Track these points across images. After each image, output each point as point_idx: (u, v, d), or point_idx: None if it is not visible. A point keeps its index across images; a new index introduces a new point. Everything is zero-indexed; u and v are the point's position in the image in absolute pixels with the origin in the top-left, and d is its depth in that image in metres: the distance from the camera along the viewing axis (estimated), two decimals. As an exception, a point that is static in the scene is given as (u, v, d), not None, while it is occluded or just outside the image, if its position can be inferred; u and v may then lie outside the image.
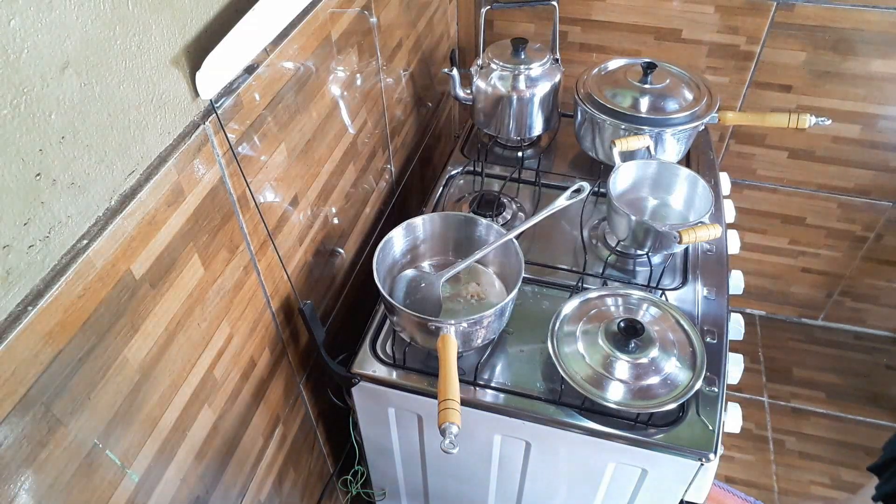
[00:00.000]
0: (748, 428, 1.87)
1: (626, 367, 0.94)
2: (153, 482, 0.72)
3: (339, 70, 1.01)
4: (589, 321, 1.00)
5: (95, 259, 0.57)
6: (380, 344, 1.07)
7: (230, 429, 0.88)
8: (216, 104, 0.70)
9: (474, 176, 1.39)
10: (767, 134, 1.68)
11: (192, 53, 0.66)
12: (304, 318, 0.97)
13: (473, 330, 0.95)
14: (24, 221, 0.50)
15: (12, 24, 0.45)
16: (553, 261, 1.20)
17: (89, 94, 0.54)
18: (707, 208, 1.10)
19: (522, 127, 1.38)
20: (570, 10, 1.58)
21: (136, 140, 0.60)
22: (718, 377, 0.98)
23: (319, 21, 0.90)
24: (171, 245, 0.67)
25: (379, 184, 1.31)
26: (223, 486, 0.88)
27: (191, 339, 0.74)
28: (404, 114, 1.38)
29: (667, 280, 1.16)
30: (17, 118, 0.47)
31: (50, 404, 0.55)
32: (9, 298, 0.50)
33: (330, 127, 1.01)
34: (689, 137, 1.32)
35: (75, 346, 0.57)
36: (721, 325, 1.07)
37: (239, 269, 0.82)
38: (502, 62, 1.32)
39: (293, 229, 0.95)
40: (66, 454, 0.58)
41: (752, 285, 2.05)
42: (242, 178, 0.78)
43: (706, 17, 1.51)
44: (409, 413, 1.06)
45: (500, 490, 1.17)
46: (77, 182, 0.54)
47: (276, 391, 1.00)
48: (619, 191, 1.20)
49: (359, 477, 1.32)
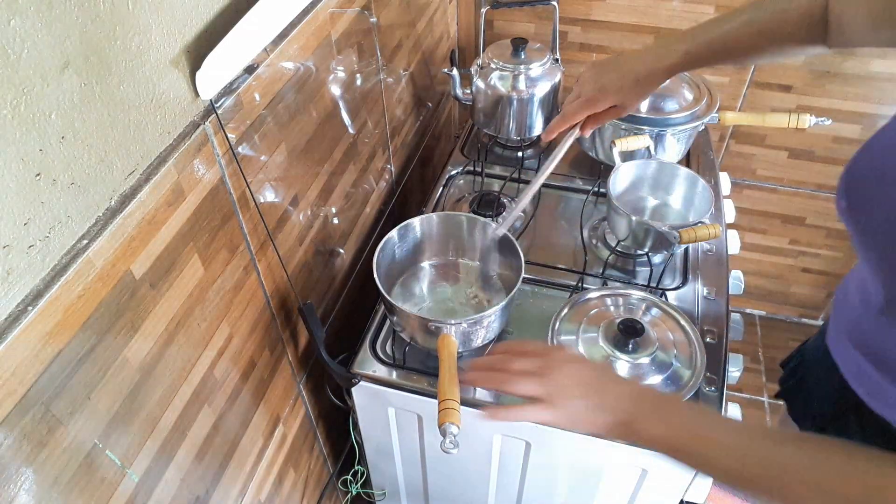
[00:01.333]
0: (748, 428, 1.87)
1: (626, 367, 0.94)
2: (153, 482, 0.72)
3: (339, 70, 1.00)
4: (589, 321, 1.00)
5: (95, 259, 0.57)
6: (380, 344, 1.07)
7: (230, 429, 0.88)
8: (216, 104, 0.70)
9: (474, 176, 1.39)
10: (767, 134, 1.68)
11: (192, 53, 0.66)
12: (304, 318, 0.97)
13: (473, 330, 0.95)
14: (24, 221, 0.50)
15: (12, 24, 0.45)
16: (553, 261, 1.20)
17: (89, 94, 0.54)
18: (707, 208, 1.10)
19: (522, 127, 1.38)
20: (570, 10, 1.58)
21: (136, 140, 0.60)
22: (718, 377, 0.98)
23: (319, 21, 0.90)
24: (171, 245, 0.67)
25: (379, 184, 1.31)
26: (223, 486, 0.88)
27: (191, 339, 0.74)
28: (404, 114, 1.38)
29: (667, 280, 1.16)
30: (17, 118, 0.47)
31: (50, 404, 0.55)
32: (9, 298, 0.50)
33: (330, 127, 1.01)
34: (689, 137, 1.32)
35: (75, 346, 0.56)
36: (721, 325, 1.07)
37: (239, 269, 0.82)
38: (502, 62, 1.32)
39: (293, 229, 0.95)
40: (66, 454, 0.58)
41: (752, 285, 2.05)
42: (242, 178, 0.78)
43: (706, 17, 1.49)
44: (409, 413, 1.06)
45: (500, 490, 1.17)
46: (77, 182, 0.54)
47: (276, 391, 1.00)
48: (619, 191, 1.20)
49: (359, 477, 1.32)
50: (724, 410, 0.96)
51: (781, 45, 0.82)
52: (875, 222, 0.65)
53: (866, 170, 0.67)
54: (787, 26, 0.79)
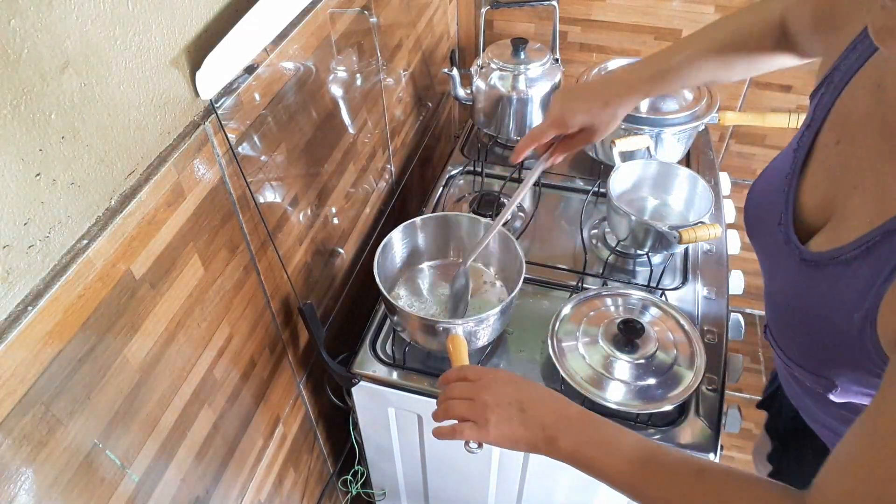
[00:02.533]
0: (748, 428, 1.87)
1: (626, 367, 0.94)
2: (153, 482, 0.72)
3: (339, 70, 1.00)
4: (589, 321, 1.00)
5: (95, 259, 0.57)
6: (380, 344, 1.07)
7: (230, 429, 0.88)
8: (216, 104, 0.70)
9: (474, 176, 1.39)
10: (767, 134, 1.68)
11: (192, 53, 0.66)
12: (304, 318, 0.97)
13: (478, 329, 0.95)
14: (24, 221, 0.50)
15: (12, 24, 0.45)
16: (553, 261, 1.20)
17: (89, 94, 0.54)
18: (707, 208, 1.10)
19: (522, 127, 1.38)
20: (570, 10, 1.58)
21: (136, 140, 0.60)
22: (718, 377, 0.98)
23: (319, 21, 0.90)
24: (171, 245, 0.67)
25: (379, 184, 1.31)
26: (223, 486, 0.88)
27: (191, 339, 0.74)
28: (404, 114, 1.38)
29: (667, 280, 1.16)
30: (17, 118, 0.47)
31: (50, 404, 0.55)
32: (9, 298, 0.50)
33: (330, 127, 1.01)
34: (689, 137, 1.32)
35: (75, 346, 0.56)
36: (721, 325, 1.07)
37: (239, 269, 0.82)
38: (502, 62, 1.32)
39: (293, 229, 0.95)
40: (66, 454, 0.58)
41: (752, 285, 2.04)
42: (242, 178, 0.78)
43: (706, 17, 1.51)
44: (409, 413, 1.06)
45: (500, 490, 1.17)
46: (77, 182, 0.54)
47: (276, 391, 1.00)
48: (619, 191, 1.20)
49: (359, 477, 1.32)
50: (724, 410, 0.96)
51: (749, 57, 0.83)
52: (764, 253, 0.76)
53: (751, 207, 0.79)
54: (752, 39, 0.82)
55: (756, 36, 0.81)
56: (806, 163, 0.68)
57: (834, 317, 0.60)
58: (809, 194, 0.67)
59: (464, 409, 0.73)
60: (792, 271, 0.67)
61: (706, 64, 0.85)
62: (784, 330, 0.73)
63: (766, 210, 0.73)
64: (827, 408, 0.76)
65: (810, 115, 0.69)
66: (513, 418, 0.70)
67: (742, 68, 0.86)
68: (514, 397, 0.71)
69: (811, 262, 0.63)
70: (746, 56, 0.83)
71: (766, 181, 0.76)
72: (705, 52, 0.85)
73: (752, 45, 0.82)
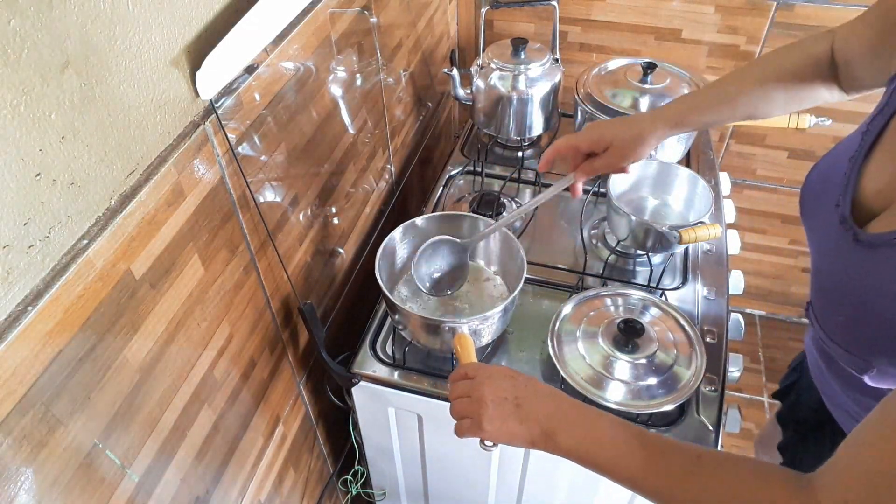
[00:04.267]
0: (748, 428, 1.87)
1: (626, 367, 0.94)
2: (153, 482, 0.72)
3: (339, 70, 1.00)
4: (589, 321, 1.00)
5: (95, 259, 0.57)
6: (380, 344, 1.07)
7: (230, 429, 0.88)
8: (216, 104, 0.70)
9: (474, 176, 1.39)
10: (767, 134, 1.68)
11: (192, 53, 0.66)
12: (304, 318, 0.97)
13: (482, 328, 0.95)
14: (24, 221, 0.50)
15: (12, 23, 0.45)
16: (553, 261, 1.20)
17: (89, 94, 0.54)
18: (707, 208, 1.10)
19: (522, 127, 1.38)
20: (570, 10, 1.58)
21: (136, 140, 0.60)
22: (718, 377, 0.98)
23: (319, 21, 0.90)
24: (171, 245, 0.67)
25: (379, 184, 1.31)
26: (223, 486, 0.88)
27: (191, 339, 0.74)
28: (404, 114, 1.38)
29: (667, 280, 1.16)
30: (17, 118, 0.47)
31: (50, 404, 0.55)
32: (9, 298, 0.50)
33: (330, 127, 1.01)
34: (689, 137, 1.32)
35: (75, 346, 0.56)
36: (721, 325, 1.07)
37: (239, 269, 0.82)
38: (502, 62, 1.32)
39: (293, 229, 0.95)
40: (66, 454, 0.58)
41: (752, 285, 2.05)
42: (242, 178, 0.78)
43: (706, 17, 1.51)
44: (409, 413, 1.06)
45: (500, 490, 1.17)
46: (77, 182, 0.54)
47: (276, 391, 1.00)
48: (619, 191, 1.20)
49: (359, 477, 1.32)
50: (724, 410, 0.96)
51: (792, 91, 0.84)
52: (817, 233, 0.76)
53: (809, 187, 0.78)
54: (797, 74, 0.83)
55: (800, 70, 0.82)
56: (873, 147, 0.68)
57: (882, 298, 0.61)
58: (872, 178, 0.67)
59: (463, 406, 0.73)
60: (843, 252, 0.67)
61: (743, 98, 0.86)
62: (828, 308, 0.73)
63: (825, 190, 0.73)
64: (854, 393, 0.77)
65: (885, 99, 0.68)
66: (509, 414, 0.70)
67: (781, 103, 0.86)
68: (511, 393, 0.71)
69: (865, 242, 0.64)
70: (789, 90, 0.84)
71: (829, 163, 0.76)
72: (745, 87, 0.85)
73: (798, 78, 0.83)
